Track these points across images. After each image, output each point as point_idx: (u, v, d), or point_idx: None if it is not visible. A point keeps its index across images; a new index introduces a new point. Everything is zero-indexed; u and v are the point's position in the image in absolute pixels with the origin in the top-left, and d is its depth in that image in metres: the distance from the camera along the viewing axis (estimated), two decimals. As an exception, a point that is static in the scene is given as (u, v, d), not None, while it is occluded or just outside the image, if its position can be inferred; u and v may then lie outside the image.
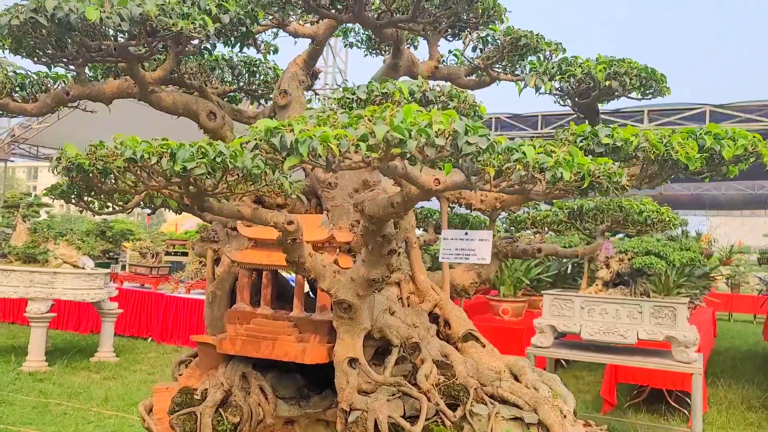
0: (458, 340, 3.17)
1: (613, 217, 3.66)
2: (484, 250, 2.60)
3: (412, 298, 3.21)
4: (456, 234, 2.72)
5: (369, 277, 2.61)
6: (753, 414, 7.25)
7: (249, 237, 3.12)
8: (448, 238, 2.72)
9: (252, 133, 1.65)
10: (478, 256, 2.66)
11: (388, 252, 2.57)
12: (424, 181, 2.10)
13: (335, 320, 2.77)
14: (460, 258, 2.79)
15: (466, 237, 2.67)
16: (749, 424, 6.85)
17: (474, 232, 2.70)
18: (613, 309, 6.21)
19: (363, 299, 2.69)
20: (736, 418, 7.09)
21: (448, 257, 2.83)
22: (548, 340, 6.16)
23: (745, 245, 21.60)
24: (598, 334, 6.15)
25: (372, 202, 2.45)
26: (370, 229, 2.51)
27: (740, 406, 7.61)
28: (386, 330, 2.86)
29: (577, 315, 6.34)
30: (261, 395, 3.01)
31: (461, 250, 2.71)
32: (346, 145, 1.50)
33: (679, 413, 6.89)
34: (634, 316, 6.12)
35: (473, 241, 2.64)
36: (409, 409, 2.67)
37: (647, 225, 3.57)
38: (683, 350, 5.43)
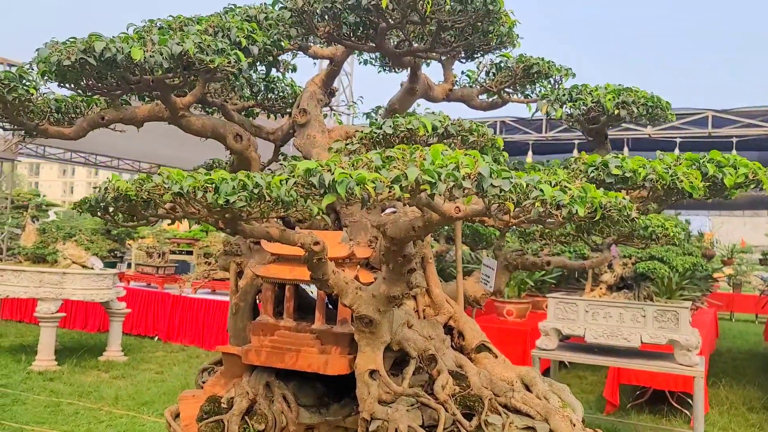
0: (472, 351, 3.32)
1: (620, 232, 3.80)
2: (490, 278, 2.80)
3: (427, 310, 3.36)
4: (487, 262, 2.92)
5: (389, 294, 2.76)
6: (754, 415, 7.36)
7: (272, 252, 3.26)
8: (484, 265, 2.95)
9: (289, 170, 1.80)
10: (489, 283, 2.84)
11: (408, 271, 2.72)
12: (446, 209, 2.25)
13: (357, 334, 2.92)
14: (485, 282, 2.99)
15: (489, 265, 2.85)
16: (750, 426, 6.96)
17: (486, 260, 2.88)
18: (617, 313, 6.31)
19: (383, 314, 2.84)
20: (737, 419, 7.19)
21: (483, 281, 3.05)
22: (553, 342, 6.27)
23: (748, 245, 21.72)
24: (602, 337, 6.25)
25: (394, 225, 2.60)
26: (392, 249, 2.66)
27: (741, 407, 7.72)
28: (404, 343, 3.01)
29: (581, 318, 6.44)
30: (284, 403, 3.17)
31: (486, 276, 2.90)
32: (381, 187, 1.64)
33: (681, 414, 7.03)
34: (637, 319, 6.22)
35: (486, 268, 2.82)
36: (427, 419, 2.82)
37: (652, 239, 3.71)
38: (685, 353, 5.55)
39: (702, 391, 5.31)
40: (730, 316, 17.93)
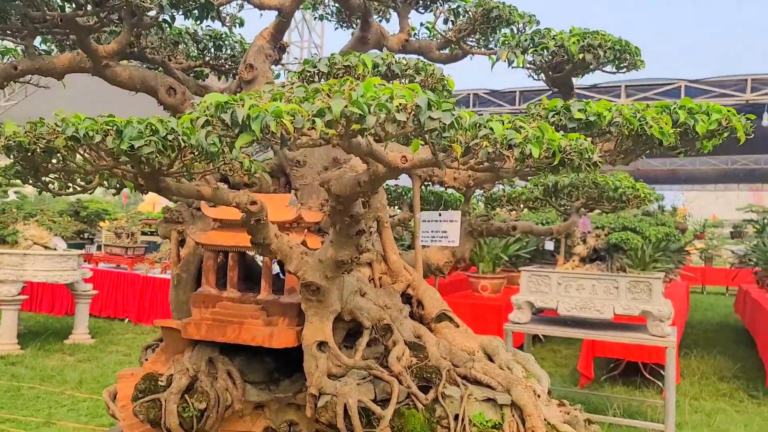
0: (431, 321, 3.10)
1: (588, 194, 3.61)
2: (453, 233, 2.52)
3: (384, 278, 3.13)
4: (431, 216, 2.65)
5: (337, 259, 2.52)
6: (725, 384, 7.36)
7: (214, 218, 3.01)
8: (425, 220, 2.65)
9: (201, 108, 1.54)
10: (449, 238, 2.58)
11: (357, 233, 2.48)
12: (391, 158, 2.01)
13: (303, 303, 2.68)
14: (435, 240, 2.71)
15: (439, 219, 2.59)
16: (721, 395, 6.95)
17: (446, 213, 2.61)
18: (590, 285, 6.22)
19: (332, 281, 2.60)
20: (708, 389, 7.19)
21: (425, 240, 2.75)
22: (526, 316, 6.17)
23: (719, 219, 21.90)
24: (575, 309, 6.17)
25: (338, 181, 2.35)
26: (338, 208, 2.42)
27: (712, 376, 7.73)
28: (357, 312, 2.78)
29: (554, 291, 6.35)
30: (229, 380, 2.93)
31: (435, 232, 2.63)
32: (301, 121, 1.40)
33: (653, 385, 6.97)
34: (610, 291, 6.13)
35: (444, 223, 2.56)
36: (380, 392, 2.60)
37: (622, 201, 3.52)
38: (658, 324, 5.47)
39: (674, 362, 5.22)
40: (702, 289, 18.14)
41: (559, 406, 2.80)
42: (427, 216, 2.68)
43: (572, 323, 6.02)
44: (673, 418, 5.21)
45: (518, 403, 2.54)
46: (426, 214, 2.68)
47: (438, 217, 2.62)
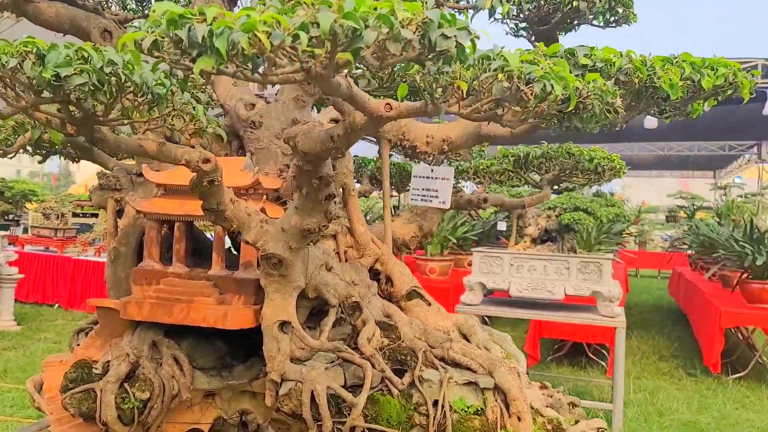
0: (402, 299, 2.84)
1: (562, 166, 3.41)
2: (444, 192, 2.23)
3: (349, 252, 2.85)
4: (423, 171, 2.33)
5: (303, 227, 2.22)
6: (665, 363, 7.54)
7: (157, 183, 2.64)
8: (417, 176, 2.33)
9: (149, 23, 1.21)
10: (440, 198, 2.29)
11: (326, 197, 2.18)
12: (373, 106, 1.71)
13: (263, 278, 2.36)
14: (425, 200, 2.41)
15: (431, 175, 2.29)
16: (662, 374, 7.10)
17: (438, 170, 2.30)
18: (541, 265, 6.19)
19: (296, 253, 2.30)
20: (649, 368, 7.37)
21: (415, 199, 2.44)
22: (477, 297, 6.11)
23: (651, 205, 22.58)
24: (526, 290, 6.15)
25: (306, 137, 2.04)
26: (305, 169, 2.11)
27: (652, 356, 7.90)
28: (323, 288, 2.49)
29: (506, 272, 6.32)
30: (175, 366, 2.59)
31: (426, 191, 2.33)
32: (279, 36, 1.09)
33: (598, 365, 7.06)
34: (561, 272, 6.11)
35: (436, 181, 2.27)
36: (350, 377, 2.32)
37: (597, 173, 3.33)
38: (608, 305, 5.47)
39: (623, 342, 5.23)
40: (636, 273, 18.72)
41: (541, 389, 2.59)
42: (418, 171, 2.37)
43: (523, 304, 5.97)
44: (621, 397, 5.23)
45: (502, 386, 2.31)
46: (418, 169, 2.37)
47: (430, 173, 2.32)
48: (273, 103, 3.01)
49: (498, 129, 2.64)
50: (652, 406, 5.98)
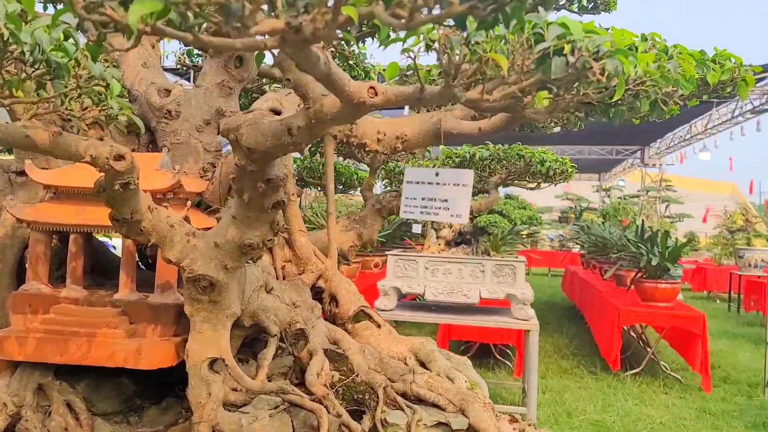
0: (348, 321, 2.44)
1: (511, 168, 3.14)
2: (460, 202, 1.69)
3: (288, 267, 2.41)
4: (423, 175, 1.79)
5: (243, 242, 1.77)
6: (566, 361, 7.63)
7: (46, 184, 2.08)
8: (413, 182, 1.80)
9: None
10: (452, 210, 1.76)
11: (273, 205, 1.75)
12: (354, 89, 1.31)
13: (189, 305, 1.89)
14: (427, 213, 1.88)
15: (436, 180, 1.75)
16: (563, 372, 7.17)
17: (447, 173, 1.76)
18: (457, 269, 6.05)
19: (232, 273, 1.84)
20: (551, 366, 7.40)
21: (411, 212, 1.90)
22: (392, 302, 5.88)
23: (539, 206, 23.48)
24: (442, 294, 5.99)
25: (254, 128, 1.60)
26: (249, 169, 1.66)
27: (554, 354, 8.00)
28: (261, 315, 2.04)
29: (421, 276, 6.13)
30: (69, 415, 2.05)
31: (429, 201, 1.79)
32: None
33: (504, 366, 6.99)
34: (476, 275, 5.99)
35: (445, 188, 1.73)
36: (300, 425, 1.89)
37: (549, 176, 3.09)
38: (522, 307, 5.41)
39: (536, 346, 5.16)
40: (528, 271, 19.41)
41: (511, 423, 2.28)
42: (415, 175, 1.84)
43: (437, 308, 5.83)
44: (535, 400, 5.17)
45: (477, 427, 1.97)
46: (414, 173, 1.82)
47: (434, 178, 1.78)
48: (193, 89, 2.52)
49: (462, 126, 2.30)
50: (561, 407, 6.01)
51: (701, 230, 21.03)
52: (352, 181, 3.72)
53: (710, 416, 5.68)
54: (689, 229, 20.20)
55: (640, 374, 6.96)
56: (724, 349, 8.69)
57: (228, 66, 2.48)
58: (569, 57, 0.96)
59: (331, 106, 1.41)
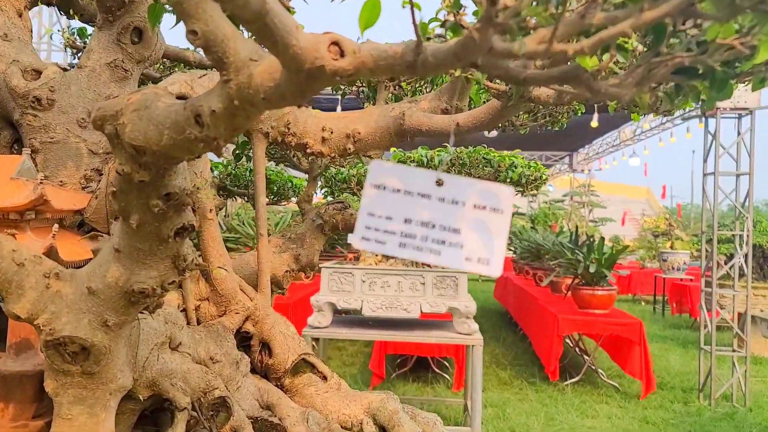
0: (286, 375, 1.86)
1: (475, 175, 2.66)
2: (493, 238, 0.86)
3: (204, 307, 1.81)
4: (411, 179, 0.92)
5: (131, 287, 1.18)
6: (504, 372, 7.48)
7: None
8: (385, 188, 0.93)
9: None
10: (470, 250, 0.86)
11: (177, 231, 1.16)
12: (306, 45, 0.77)
13: (51, 380, 1.27)
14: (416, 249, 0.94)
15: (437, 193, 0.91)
16: (503, 383, 6.98)
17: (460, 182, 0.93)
18: (396, 281, 5.69)
19: (115, 332, 1.24)
20: (490, 378, 7.18)
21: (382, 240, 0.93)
22: (327, 319, 5.44)
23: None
24: (380, 309, 5.59)
25: (142, 116, 1.02)
26: (137, 179, 1.07)
27: (492, 365, 7.84)
28: (164, 382, 1.44)
29: (357, 290, 5.74)
30: None
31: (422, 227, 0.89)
32: None
33: (442, 379, 6.73)
34: (417, 287, 5.64)
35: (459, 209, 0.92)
36: None
37: (521, 185, 2.63)
38: (464, 321, 5.09)
39: (480, 360, 4.84)
40: (458, 278, 19.36)
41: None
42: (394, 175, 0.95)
43: (376, 323, 5.44)
44: (479, 420, 4.87)
45: None
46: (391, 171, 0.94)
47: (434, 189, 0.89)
48: (74, 71, 1.88)
49: (433, 120, 1.79)
50: (504, 423, 5.82)
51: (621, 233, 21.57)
52: (284, 191, 3.13)
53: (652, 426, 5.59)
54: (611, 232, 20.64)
55: (580, 383, 6.86)
56: (656, 353, 8.72)
57: (122, 41, 1.87)
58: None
59: (266, 77, 0.85)
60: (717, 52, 0.67)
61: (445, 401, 6.09)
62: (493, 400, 6.40)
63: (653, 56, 0.72)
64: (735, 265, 6.60)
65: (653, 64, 0.72)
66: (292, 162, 2.46)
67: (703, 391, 6.54)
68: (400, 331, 5.22)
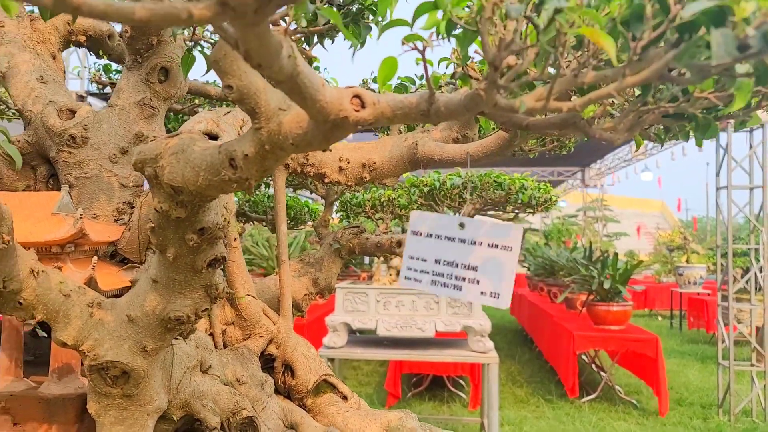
0: (308, 395, 1.95)
1: (487, 197, 2.74)
2: (502, 273, 0.98)
3: (230, 331, 1.90)
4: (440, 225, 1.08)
5: (168, 315, 1.27)
6: (520, 389, 7.47)
7: None
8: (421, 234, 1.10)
9: None
10: (484, 284, 1.01)
11: (210, 262, 1.26)
12: (330, 99, 0.86)
13: (94, 401, 1.36)
14: (443, 286, 1.10)
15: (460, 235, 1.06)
16: (519, 401, 6.98)
17: (477, 224, 1.04)
18: (410, 300, 5.77)
19: (152, 357, 1.34)
20: (506, 396, 7.18)
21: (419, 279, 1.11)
22: (342, 339, 5.54)
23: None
24: (395, 328, 5.68)
25: (180, 159, 1.12)
26: (174, 216, 1.17)
27: (508, 383, 7.83)
28: (196, 403, 1.53)
29: (372, 309, 5.82)
30: None
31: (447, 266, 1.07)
32: None
33: (458, 398, 6.79)
34: (431, 307, 5.72)
35: (478, 248, 1.04)
36: None
37: (531, 206, 2.71)
38: (479, 339, 5.16)
39: (496, 377, 4.90)
40: (474, 295, 19.17)
41: None
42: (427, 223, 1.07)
43: (391, 342, 5.50)
44: None
45: None
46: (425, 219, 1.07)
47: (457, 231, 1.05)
48: (105, 110, 2.00)
49: (446, 150, 1.88)
50: None
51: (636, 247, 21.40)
52: (302, 215, 3.25)
53: (670, 442, 5.59)
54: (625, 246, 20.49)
55: (597, 400, 6.84)
56: (675, 369, 8.66)
57: (150, 80, 1.99)
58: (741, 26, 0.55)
59: (294, 125, 0.95)
60: (698, 102, 0.76)
61: (462, 420, 6.11)
62: (509, 418, 6.41)
63: (642, 104, 0.81)
64: (751, 279, 6.59)
65: (642, 112, 0.81)
66: (310, 188, 2.56)
67: (722, 407, 6.50)
68: (415, 350, 5.28)
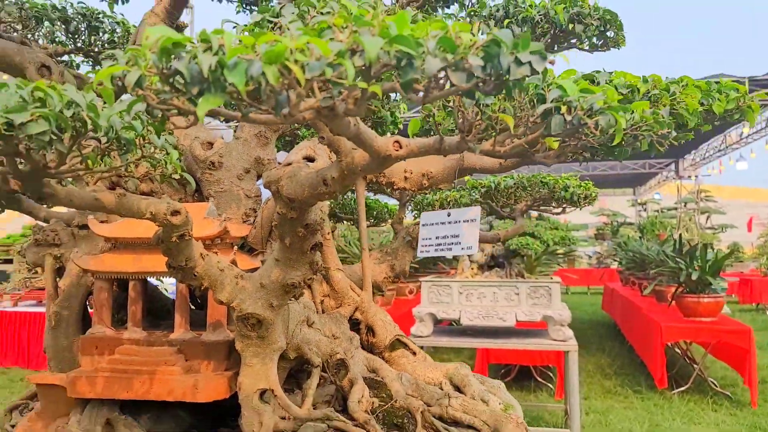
0: (385, 350, 2.59)
1: (535, 195, 3.28)
2: (470, 236, 1.96)
3: (326, 302, 2.58)
4: (434, 217, 2.05)
5: (286, 282, 1.95)
6: (609, 381, 7.51)
7: (107, 237, 2.30)
8: (427, 224, 2.04)
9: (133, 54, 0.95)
10: (463, 243, 2.02)
11: (312, 247, 1.93)
12: (380, 144, 1.49)
13: (239, 341, 2.07)
14: (441, 250, 2.13)
15: (448, 220, 2.01)
16: (607, 392, 7.06)
17: (457, 212, 2.03)
18: (491, 292, 6.14)
19: (276, 311, 2.02)
20: (594, 387, 7.30)
21: (427, 251, 2.17)
22: (428, 328, 5.99)
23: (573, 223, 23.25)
24: (477, 318, 6.07)
25: (292, 180, 1.79)
26: (289, 217, 1.85)
27: (596, 374, 7.87)
28: (304, 347, 2.21)
29: (455, 301, 6.24)
30: (134, 446, 2.23)
31: (442, 238, 2.05)
32: (317, 67, 0.85)
33: (545, 388, 6.97)
34: (511, 298, 6.07)
35: (457, 225, 1.99)
36: (345, 449, 2.05)
37: (573, 202, 3.22)
38: (559, 329, 5.43)
39: (576, 366, 5.16)
40: (566, 290, 18.92)
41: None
42: (428, 218, 2.10)
43: (473, 332, 5.86)
44: (578, 422, 5.15)
45: (511, 445, 2.10)
46: (427, 216, 2.10)
47: (446, 218, 2.05)
48: (233, 141, 2.74)
49: (484, 161, 2.46)
50: (606, 428, 5.92)
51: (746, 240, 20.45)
52: (382, 215, 3.89)
53: (761, 431, 5.58)
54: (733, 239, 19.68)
55: (688, 392, 6.79)
56: (779, 364, 8.44)
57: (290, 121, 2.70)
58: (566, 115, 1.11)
59: (361, 159, 1.59)
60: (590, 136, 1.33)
61: (547, 406, 6.39)
62: (596, 407, 6.56)
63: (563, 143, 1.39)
64: None
65: (565, 146, 1.39)
66: (386, 193, 3.20)
67: (820, 399, 6.32)
68: (496, 339, 5.70)
